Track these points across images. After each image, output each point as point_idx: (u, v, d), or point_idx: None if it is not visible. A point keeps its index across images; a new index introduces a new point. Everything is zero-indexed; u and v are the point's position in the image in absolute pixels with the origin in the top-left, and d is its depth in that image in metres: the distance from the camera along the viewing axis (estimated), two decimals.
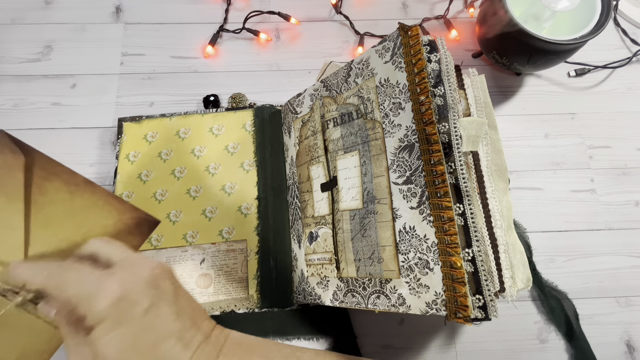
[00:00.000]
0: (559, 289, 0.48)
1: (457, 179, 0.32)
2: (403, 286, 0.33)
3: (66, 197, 0.30)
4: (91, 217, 0.30)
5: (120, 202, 0.31)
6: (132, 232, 0.31)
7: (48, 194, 0.29)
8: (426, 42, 0.34)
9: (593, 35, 0.45)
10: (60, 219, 0.29)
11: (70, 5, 0.58)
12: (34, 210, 0.29)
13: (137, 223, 0.31)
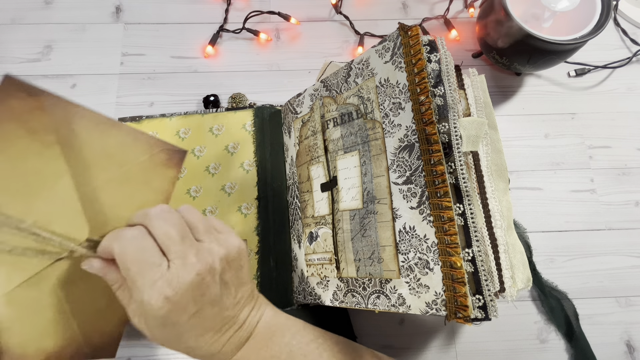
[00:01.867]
0: (559, 289, 0.48)
1: (457, 179, 0.32)
2: (403, 286, 0.33)
3: (97, 138, 0.28)
4: (127, 155, 0.29)
5: (146, 136, 0.30)
6: (167, 165, 0.30)
7: (80, 135, 0.27)
8: (426, 42, 0.34)
9: (593, 35, 0.45)
10: (99, 160, 0.28)
11: (70, 5, 0.58)
12: (71, 154, 0.27)
13: (168, 155, 0.30)
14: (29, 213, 0.25)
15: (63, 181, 0.26)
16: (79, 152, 0.27)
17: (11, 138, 0.25)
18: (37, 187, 0.26)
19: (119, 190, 0.28)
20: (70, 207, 0.26)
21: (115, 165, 0.28)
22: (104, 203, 0.28)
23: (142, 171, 0.29)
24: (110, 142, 0.28)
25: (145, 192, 0.30)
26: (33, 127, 0.26)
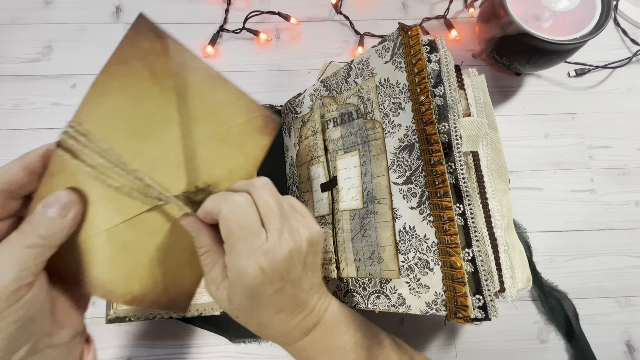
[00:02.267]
0: (559, 289, 0.48)
1: (457, 179, 0.32)
2: (403, 286, 0.33)
3: (207, 91, 0.28)
4: (228, 114, 0.29)
5: (249, 98, 0.29)
6: (261, 131, 0.30)
7: (192, 86, 0.27)
8: (426, 42, 0.34)
9: (593, 35, 0.45)
10: (204, 115, 0.28)
11: (70, 5, 0.58)
12: (183, 104, 0.27)
13: (264, 121, 0.30)
14: (137, 157, 0.26)
15: (172, 130, 0.26)
16: (189, 102, 0.27)
17: (136, 78, 0.25)
18: (149, 131, 0.26)
19: (215, 148, 0.28)
20: (173, 158, 0.27)
21: (216, 123, 0.28)
22: (201, 159, 0.28)
23: (239, 133, 0.29)
24: (216, 98, 0.28)
25: (237, 155, 0.29)
26: (156, 70, 0.26)
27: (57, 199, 0.23)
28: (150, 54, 0.26)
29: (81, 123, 0.25)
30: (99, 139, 0.25)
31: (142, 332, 0.46)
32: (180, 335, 0.46)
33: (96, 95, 0.25)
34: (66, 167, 0.25)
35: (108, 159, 0.25)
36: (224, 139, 0.29)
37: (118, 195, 0.25)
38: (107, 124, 0.25)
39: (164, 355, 0.45)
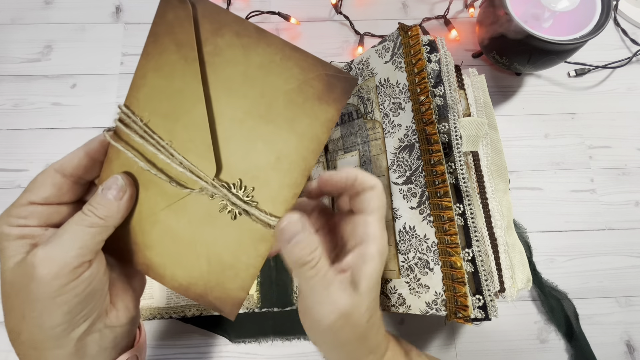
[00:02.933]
0: (559, 289, 0.48)
1: (457, 179, 0.32)
2: (403, 286, 0.33)
3: (240, 55, 0.23)
4: (271, 81, 0.23)
5: (302, 54, 0.23)
6: (322, 99, 0.23)
7: (222, 53, 0.23)
8: (426, 42, 0.34)
9: (593, 35, 0.45)
10: (239, 86, 0.23)
11: (70, 5, 0.58)
12: (212, 76, 0.23)
13: (326, 84, 0.23)
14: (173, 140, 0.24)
15: (197, 108, 0.23)
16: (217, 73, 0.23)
17: (166, 54, 0.23)
18: (180, 111, 0.23)
19: (254, 128, 0.23)
20: (200, 141, 0.23)
21: (256, 94, 0.23)
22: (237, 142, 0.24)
23: (288, 105, 0.23)
24: (254, 62, 0.23)
25: (288, 135, 0.23)
26: (180, 40, 0.23)
27: (114, 181, 0.24)
28: (175, 25, 0.23)
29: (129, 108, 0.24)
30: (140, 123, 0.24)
31: None
32: (180, 335, 0.46)
33: (138, 79, 0.24)
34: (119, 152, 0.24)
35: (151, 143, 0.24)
36: (267, 114, 0.23)
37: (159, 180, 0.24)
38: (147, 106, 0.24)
39: (164, 356, 0.45)
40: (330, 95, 0.23)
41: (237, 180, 0.24)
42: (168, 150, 0.24)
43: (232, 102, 0.23)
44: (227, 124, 0.23)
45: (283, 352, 0.46)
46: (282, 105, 0.23)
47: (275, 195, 0.24)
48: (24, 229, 0.23)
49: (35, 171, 0.50)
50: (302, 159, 0.23)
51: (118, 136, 0.24)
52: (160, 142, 0.24)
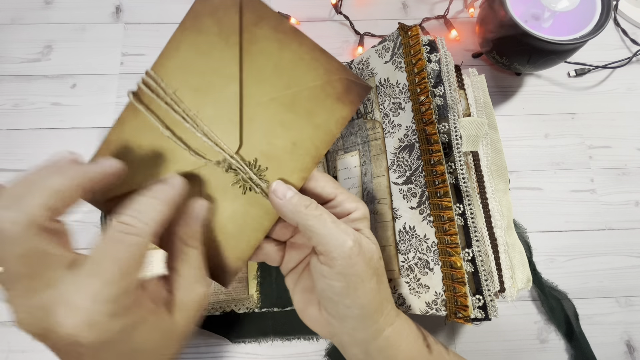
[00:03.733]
0: (559, 289, 0.48)
1: (457, 179, 0.32)
2: (403, 286, 0.33)
3: (275, 49, 0.25)
4: (297, 75, 0.26)
5: (328, 58, 0.26)
6: (340, 99, 0.26)
7: (258, 42, 0.25)
8: (426, 42, 0.34)
9: (593, 35, 0.45)
10: (269, 74, 0.25)
11: (70, 5, 0.58)
12: (247, 61, 0.25)
13: (346, 87, 0.26)
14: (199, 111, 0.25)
15: (231, 87, 0.25)
16: (254, 60, 0.25)
17: (205, 33, 0.25)
18: (210, 87, 0.25)
19: (278, 114, 0.26)
20: (227, 117, 0.25)
21: (282, 84, 0.26)
22: (260, 123, 0.26)
23: (309, 99, 0.26)
24: (285, 57, 0.25)
25: (304, 124, 0.26)
26: (224, 25, 0.25)
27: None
28: (220, 9, 0.25)
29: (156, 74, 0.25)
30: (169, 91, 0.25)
31: None
32: None
33: (171, 50, 0.25)
34: (137, 115, 0.25)
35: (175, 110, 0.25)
36: (290, 104, 0.26)
37: (177, 148, 0.25)
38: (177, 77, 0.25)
39: None
40: (347, 96, 0.26)
41: (253, 159, 0.26)
42: (194, 120, 0.25)
43: (261, 87, 0.26)
44: (253, 106, 0.26)
45: (283, 352, 0.46)
46: (305, 98, 0.26)
47: (286, 176, 0.26)
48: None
49: None
50: (315, 148, 0.26)
51: (139, 99, 0.25)
52: (187, 111, 0.25)
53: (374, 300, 0.26)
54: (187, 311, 0.24)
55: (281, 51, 0.25)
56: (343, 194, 0.27)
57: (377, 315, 0.26)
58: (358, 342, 0.27)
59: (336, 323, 0.27)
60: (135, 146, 0.26)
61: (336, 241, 0.24)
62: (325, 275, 0.25)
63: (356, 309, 0.25)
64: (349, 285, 0.25)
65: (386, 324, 0.27)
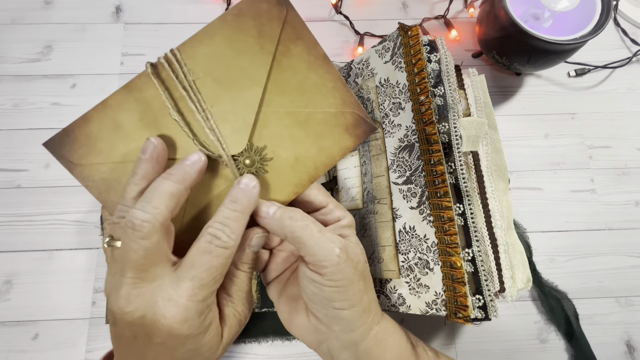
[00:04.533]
0: (559, 289, 0.48)
1: (457, 179, 0.32)
2: (403, 286, 0.33)
3: (303, 68, 0.27)
4: (317, 98, 0.27)
5: (347, 91, 0.28)
6: (348, 130, 0.28)
7: (291, 58, 0.27)
8: (426, 42, 0.34)
9: (593, 35, 0.45)
10: (292, 89, 0.27)
11: (70, 5, 0.58)
12: (275, 71, 0.27)
13: (355, 121, 0.28)
14: (214, 103, 0.26)
15: (254, 90, 0.26)
16: (282, 72, 0.27)
17: (244, 33, 0.26)
18: (234, 83, 0.26)
19: (290, 127, 0.27)
20: (242, 117, 0.26)
21: (301, 102, 0.27)
22: (270, 131, 0.27)
23: (322, 123, 0.28)
24: (311, 78, 0.27)
25: (311, 144, 0.27)
26: (263, 30, 0.26)
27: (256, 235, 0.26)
28: (264, 15, 0.26)
29: (182, 53, 0.26)
30: (190, 78, 0.25)
31: None
32: None
33: (204, 36, 0.26)
34: (147, 87, 0.25)
35: (191, 96, 0.25)
36: (304, 122, 0.27)
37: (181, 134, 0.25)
38: (202, 64, 0.26)
39: None
40: (355, 130, 0.28)
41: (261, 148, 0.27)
42: (205, 113, 0.25)
43: (281, 99, 0.27)
44: (269, 114, 0.27)
45: (283, 352, 0.46)
46: (318, 121, 0.27)
47: (280, 187, 0.27)
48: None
49: (35, 171, 0.50)
50: (315, 168, 0.28)
51: (156, 72, 0.25)
52: (202, 103, 0.25)
53: (362, 301, 0.27)
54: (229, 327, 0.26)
55: (308, 72, 0.27)
56: (333, 202, 0.28)
57: (365, 315, 0.27)
58: (347, 345, 0.27)
59: (325, 328, 0.27)
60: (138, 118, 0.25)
61: (324, 250, 0.25)
62: (315, 281, 0.26)
63: (346, 310, 0.26)
64: (338, 289, 0.26)
65: (374, 323, 0.28)
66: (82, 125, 0.25)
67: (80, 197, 0.49)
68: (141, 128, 0.25)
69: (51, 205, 0.49)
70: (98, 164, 0.25)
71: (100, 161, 0.25)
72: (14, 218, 0.48)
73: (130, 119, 0.25)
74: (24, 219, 0.48)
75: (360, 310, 0.27)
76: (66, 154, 0.25)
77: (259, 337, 0.45)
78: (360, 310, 0.27)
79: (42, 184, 0.49)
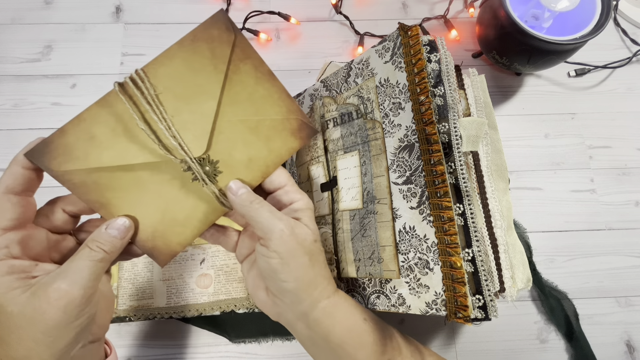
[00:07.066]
0: (559, 289, 0.48)
1: (457, 179, 0.32)
2: (403, 286, 0.33)
3: (252, 83, 0.31)
4: (265, 108, 0.32)
5: (291, 101, 0.32)
6: (293, 133, 0.32)
7: (240, 74, 0.31)
8: (426, 42, 0.34)
9: (593, 35, 0.45)
10: (243, 101, 0.31)
11: (70, 5, 0.58)
12: (228, 87, 0.31)
13: (299, 126, 0.32)
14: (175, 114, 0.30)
15: (209, 103, 0.30)
16: (233, 87, 0.31)
17: (199, 55, 0.30)
18: (191, 97, 0.30)
19: (242, 133, 0.31)
20: (201, 126, 0.30)
21: (252, 111, 0.31)
22: (226, 137, 0.31)
23: (270, 128, 0.32)
24: (259, 91, 0.31)
25: (262, 147, 0.32)
26: (216, 52, 0.30)
27: (120, 224, 0.28)
28: (216, 40, 0.30)
29: (146, 73, 0.29)
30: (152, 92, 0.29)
31: (142, 332, 0.46)
32: (180, 335, 0.46)
33: (165, 58, 0.30)
34: (116, 105, 0.29)
35: (154, 109, 0.29)
36: (254, 128, 0.32)
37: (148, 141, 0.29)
38: (164, 82, 0.30)
39: (164, 355, 0.45)
40: (299, 133, 0.33)
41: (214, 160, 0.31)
42: (167, 122, 0.29)
43: (234, 109, 0.31)
44: (224, 122, 0.31)
45: (283, 352, 0.46)
46: (267, 127, 0.32)
47: None
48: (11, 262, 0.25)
49: None
50: (266, 166, 0.32)
51: (124, 90, 0.29)
52: (164, 114, 0.29)
53: (306, 275, 0.30)
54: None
55: (256, 86, 0.31)
56: (292, 185, 0.32)
57: (311, 288, 0.30)
58: (299, 316, 0.30)
59: (279, 301, 0.31)
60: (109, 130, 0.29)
61: (270, 225, 0.29)
62: (263, 254, 0.29)
63: (291, 282, 0.29)
64: (282, 261, 0.29)
65: (322, 297, 0.30)
66: (60, 137, 0.29)
67: None
68: (113, 137, 0.29)
69: None
70: (75, 170, 0.29)
71: (77, 167, 0.29)
72: None
73: (103, 130, 0.29)
74: None
75: (304, 283, 0.30)
76: (46, 162, 0.29)
77: (259, 337, 0.45)
78: (304, 284, 0.30)
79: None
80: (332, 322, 0.30)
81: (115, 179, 0.30)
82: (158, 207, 0.31)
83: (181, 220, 0.31)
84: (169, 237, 0.31)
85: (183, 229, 0.31)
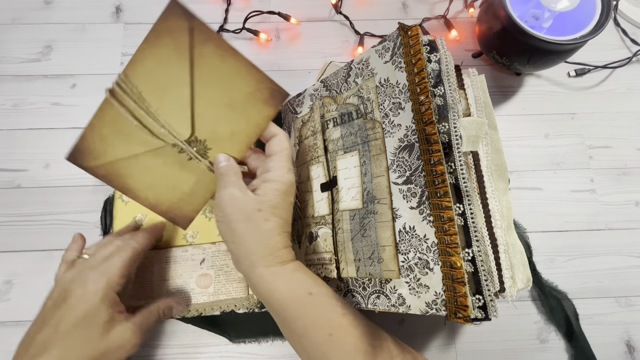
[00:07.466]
0: (559, 289, 0.48)
1: (457, 179, 0.32)
2: (403, 286, 0.33)
3: (218, 62, 0.33)
4: (235, 83, 0.34)
5: (258, 71, 0.34)
6: (267, 102, 0.34)
7: (205, 57, 0.32)
8: (426, 42, 0.34)
9: (593, 35, 0.45)
10: (213, 82, 0.33)
11: (70, 5, 0.58)
12: (196, 72, 0.33)
13: (271, 93, 0.34)
14: (159, 107, 0.34)
15: (184, 90, 0.33)
16: (201, 70, 0.33)
17: (164, 48, 0.32)
18: (167, 89, 0.33)
19: (220, 111, 0.34)
20: (182, 112, 0.34)
21: (224, 89, 0.34)
22: (207, 118, 0.34)
23: (244, 101, 0.34)
24: (226, 68, 0.33)
25: (240, 119, 0.35)
26: (178, 42, 0.32)
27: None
28: (174, 30, 0.32)
29: (127, 76, 0.33)
30: (136, 91, 0.33)
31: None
32: (180, 335, 0.46)
33: (139, 58, 0.32)
34: (112, 108, 0.34)
35: (140, 106, 0.33)
36: (230, 104, 0.34)
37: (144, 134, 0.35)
38: (143, 81, 0.33)
39: (164, 355, 0.45)
40: (271, 100, 0.35)
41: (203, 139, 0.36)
42: (154, 115, 0.34)
43: (207, 91, 0.34)
44: (202, 104, 0.34)
45: (283, 352, 0.46)
46: (241, 100, 0.34)
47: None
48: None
49: (35, 171, 0.50)
50: (247, 137, 0.35)
51: (114, 95, 0.33)
52: (150, 108, 0.34)
53: (243, 242, 0.33)
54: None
55: (223, 64, 0.33)
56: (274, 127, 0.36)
57: (248, 252, 0.33)
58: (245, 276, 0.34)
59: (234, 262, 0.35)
60: (113, 129, 0.35)
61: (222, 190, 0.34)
62: (218, 221, 0.34)
63: (230, 244, 0.34)
64: (221, 224, 0.34)
65: (260, 265, 0.33)
66: (82, 142, 0.35)
67: (80, 197, 0.49)
68: (118, 135, 0.35)
69: (51, 205, 0.49)
70: (100, 165, 0.36)
71: (100, 162, 0.36)
72: (14, 218, 0.48)
73: (109, 131, 0.35)
74: (24, 219, 0.48)
75: (241, 249, 0.33)
76: (80, 162, 0.36)
77: (259, 337, 0.45)
78: (241, 250, 0.33)
79: (42, 184, 0.50)
80: (271, 288, 0.33)
81: (129, 167, 0.36)
82: (167, 185, 0.37)
83: (188, 192, 0.37)
84: (183, 207, 0.38)
85: (192, 199, 0.37)
